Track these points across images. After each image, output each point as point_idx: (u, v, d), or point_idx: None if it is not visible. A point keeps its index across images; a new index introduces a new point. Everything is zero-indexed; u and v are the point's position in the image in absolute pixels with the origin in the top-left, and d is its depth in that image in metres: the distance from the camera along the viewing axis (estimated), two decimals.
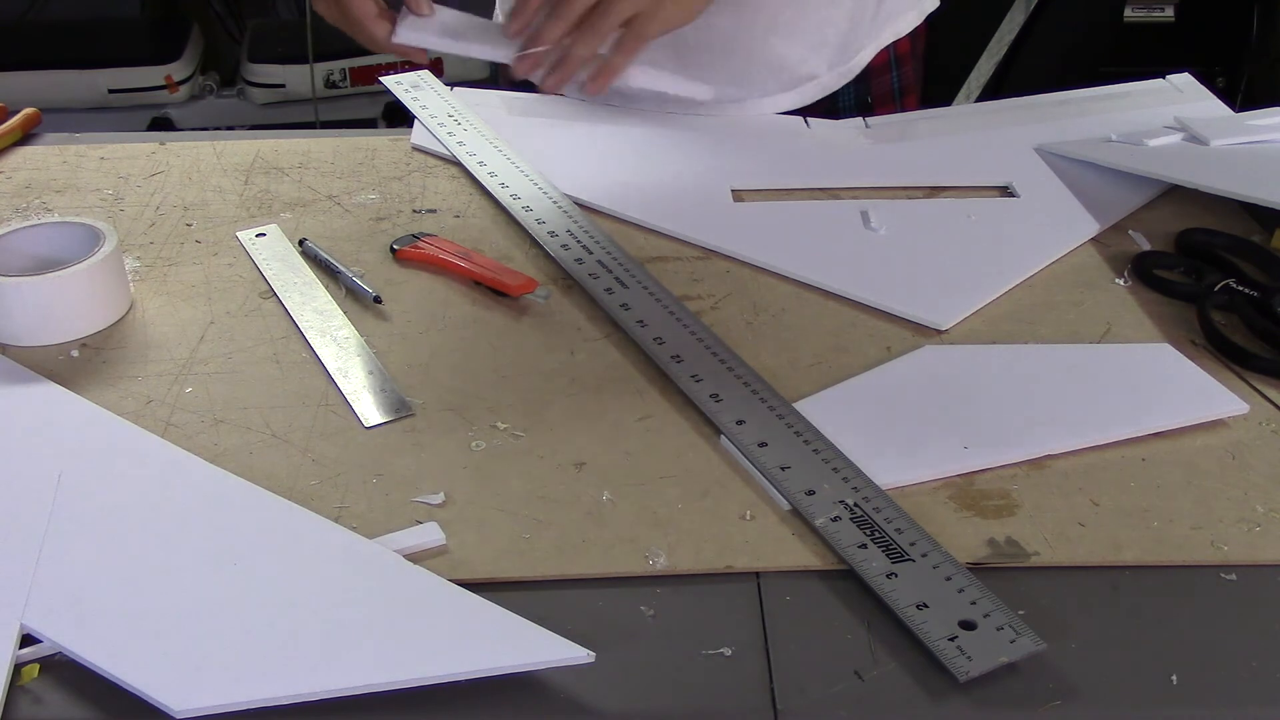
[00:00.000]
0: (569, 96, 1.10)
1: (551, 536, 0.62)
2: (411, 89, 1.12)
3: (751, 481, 0.66)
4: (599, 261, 0.85)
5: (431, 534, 0.61)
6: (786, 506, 0.64)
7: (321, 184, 0.98)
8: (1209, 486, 0.65)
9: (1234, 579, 0.60)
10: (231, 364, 0.75)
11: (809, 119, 1.08)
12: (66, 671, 0.54)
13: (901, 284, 0.83)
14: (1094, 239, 0.90)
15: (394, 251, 0.87)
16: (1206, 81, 1.14)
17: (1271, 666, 0.55)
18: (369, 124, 2.65)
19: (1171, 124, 1.03)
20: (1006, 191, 0.97)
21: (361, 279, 0.83)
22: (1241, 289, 0.80)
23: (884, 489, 0.64)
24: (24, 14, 2.76)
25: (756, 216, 0.93)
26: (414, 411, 0.71)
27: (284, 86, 2.61)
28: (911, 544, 0.60)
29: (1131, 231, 0.91)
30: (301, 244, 0.88)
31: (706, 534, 0.62)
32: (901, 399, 0.72)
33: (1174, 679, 0.54)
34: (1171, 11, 2.46)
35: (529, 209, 0.92)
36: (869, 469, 0.65)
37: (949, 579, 0.58)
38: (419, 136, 1.05)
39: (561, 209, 0.92)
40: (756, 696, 0.54)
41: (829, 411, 0.70)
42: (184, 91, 2.60)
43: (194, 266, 0.86)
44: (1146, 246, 0.89)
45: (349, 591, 0.58)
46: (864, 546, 0.60)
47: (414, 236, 0.88)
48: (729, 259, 0.87)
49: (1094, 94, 1.12)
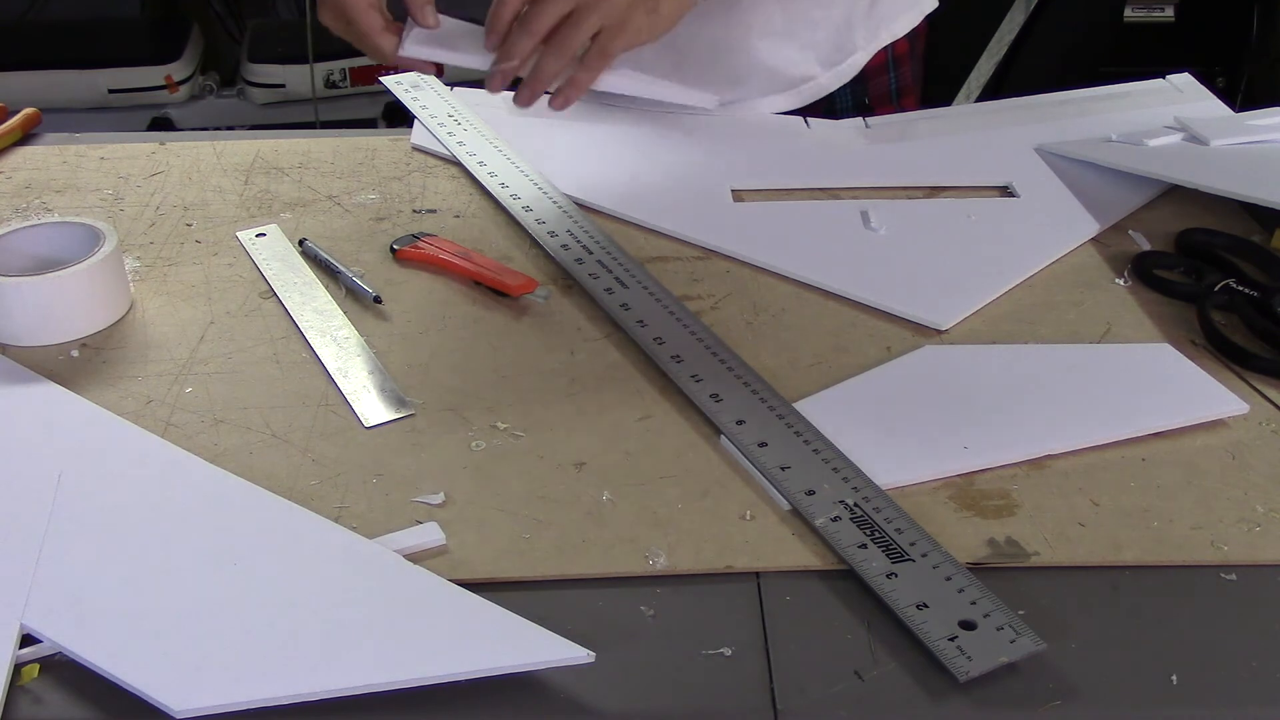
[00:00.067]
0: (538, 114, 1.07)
1: (551, 536, 0.62)
2: (411, 89, 1.12)
3: (751, 481, 0.66)
4: (599, 261, 0.85)
5: (431, 534, 0.61)
6: (786, 506, 0.64)
7: (321, 184, 0.98)
8: (1209, 486, 0.65)
9: (1234, 579, 0.60)
10: (231, 364, 0.75)
11: (809, 119, 1.08)
12: (66, 671, 0.54)
13: (901, 284, 0.83)
14: (1094, 239, 0.90)
15: (394, 251, 0.87)
16: (1206, 81, 1.14)
17: (1271, 666, 0.55)
18: (369, 124, 2.65)
19: (1171, 124, 1.03)
20: (1006, 191, 0.97)
21: (361, 279, 0.83)
22: (1241, 289, 0.80)
23: (884, 489, 0.64)
24: (24, 14, 2.76)
25: (756, 216, 0.93)
26: (414, 411, 0.71)
27: (284, 86, 2.61)
28: (911, 544, 0.60)
29: (1131, 231, 0.91)
30: (301, 244, 0.88)
31: (706, 534, 0.62)
32: (901, 399, 0.72)
33: (1174, 679, 0.54)
34: (1171, 11, 2.46)
35: (529, 209, 0.92)
36: (869, 469, 0.65)
37: (949, 579, 0.58)
38: (419, 136, 1.05)
39: (561, 209, 0.92)
40: (756, 696, 0.54)
41: (829, 411, 0.70)
42: (184, 91, 2.59)
43: (194, 266, 0.86)
44: (1146, 246, 0.89)
45: (349, 591, 0.58)
46: (864, 546, 0.60)
47: (414, 236, 0.88)
48: (729, 259, 0.87)
49: (1094, 94, 1.12)
